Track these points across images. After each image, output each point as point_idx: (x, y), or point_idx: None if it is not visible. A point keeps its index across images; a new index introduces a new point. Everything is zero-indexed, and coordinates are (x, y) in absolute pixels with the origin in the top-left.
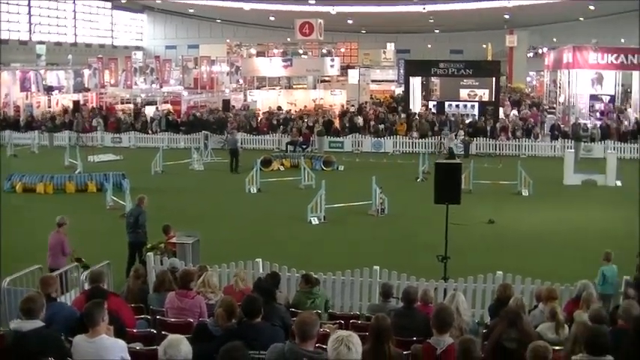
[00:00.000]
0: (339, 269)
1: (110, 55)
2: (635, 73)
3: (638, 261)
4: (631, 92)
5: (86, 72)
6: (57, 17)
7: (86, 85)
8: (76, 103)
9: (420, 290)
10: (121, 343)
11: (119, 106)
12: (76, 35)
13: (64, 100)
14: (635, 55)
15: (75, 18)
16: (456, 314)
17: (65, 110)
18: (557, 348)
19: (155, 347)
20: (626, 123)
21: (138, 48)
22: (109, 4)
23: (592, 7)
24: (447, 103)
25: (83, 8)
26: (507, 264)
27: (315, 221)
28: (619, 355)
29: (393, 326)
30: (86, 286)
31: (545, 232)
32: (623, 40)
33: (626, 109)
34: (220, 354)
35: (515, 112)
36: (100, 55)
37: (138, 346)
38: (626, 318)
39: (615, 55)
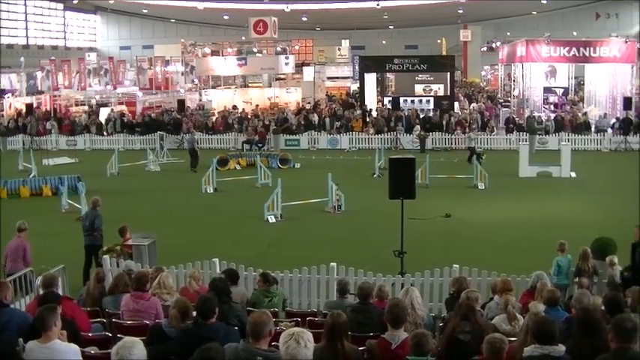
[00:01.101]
0: (297, 267)
1: (63, 56)
2: (586, 66)
3: (582, 250)
4: (584, 84)
5: (39, 74)
6: (8, 19)
7: (39, 88)
8: (29, 106)
9: (375, 286)
10: (74, 347)
11: (73, 109)
12: (27, 37)
13: (17, 103)
14: (587, 48)
15: (26, 20)
16: (410, 309)
17: (19, 113)
18: (511, 339)
19: (110, 351)
20: (579, 115)
21: (91, 49)
22: (60, 6)
23: (544, 1)
24: (402, 99)
25: (35, 10)
26: (464, 257)
27: (272, 219)
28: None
29: (350, 322)
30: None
31: (501, 224)
32: (575, 34)
33: (579, 102)
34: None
35: (474, 105)
36: (52, 57)
37: (93, 350)
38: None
39: (567, 48)
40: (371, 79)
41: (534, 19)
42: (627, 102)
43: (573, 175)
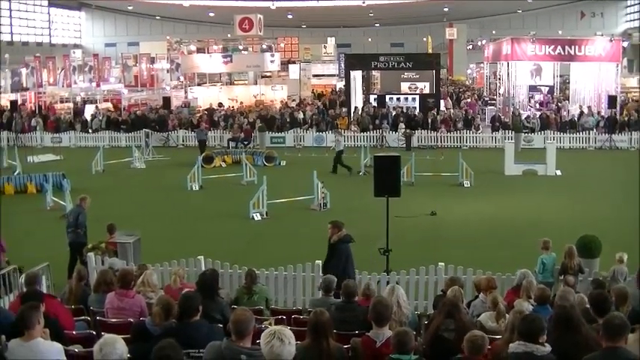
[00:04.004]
0: (282, 264)
1: (48, 53)
2: (572, 65)
3: (567, 248)
4: (569, 83)
5: (23, 71)
6: None
7: (24, 85)
8: (13, 102)
9: (362, 284)
10: (57, 346)
11: (58, 106)
12: (12, 33)
13: (2, 100)
14: (572, 47)
15: (11, 16)
16: (396, 307)
17: (2, 110)
18: (497, 337)
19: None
20: (564, 113)
21: (76, 46)
22: (45, 2)
23: (530, 0)
24: (387, 97)
25: (19, 6)
26: (449, 255)
27: (257, 217)
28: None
29: (334, 320)
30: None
31: (486, 222)
32: (560, 32)
33: (564, 100)
34: (154, 351)
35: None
36: (37, 54)
37: (77, 348)
38: None
39: (553, 46)
40: (357, 76)
41: (519, 17)
42: (612, 100)
43: (559, 173)
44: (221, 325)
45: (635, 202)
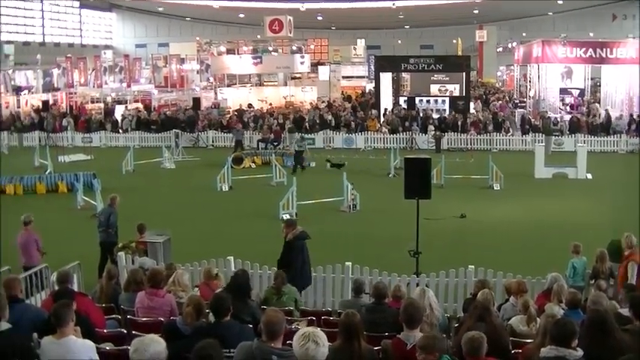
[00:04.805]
0: (311, 266)
1: (79, 54)
2: (603, 67)
3: (599, 252)
4: (600, 86)
5: (55, 71)
6: (24, 17)
7: (55, 85)
8: (45, 103)
9: (392, 286)
10: (89, 343)
11: (89, 106)
12: (44, 35)
13: (33, 100)
14: (604, 49)
15: (43, 17)
16: (428, 310)
17: (37, 110)
18: (528, 341)
19: (125, 347)
20: (595, 117)
21: (107, 47)
22: (76, 3)
23: (560, 2)
24: (417, 99)
25: (51, 7)
26: (479, 258)
27: (286, 218)
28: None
29: (364, 322)
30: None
31: (516, 225)
32: (591, 34)
33: (594, 102)
34: (195, 351)
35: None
36: (68, 55)
37: (108, 346)
38: None
39: (584, 49)
40: (386, 78)
41: (550, 19)
42: None
43: (589, 176)
44: (251, 326)
45: None
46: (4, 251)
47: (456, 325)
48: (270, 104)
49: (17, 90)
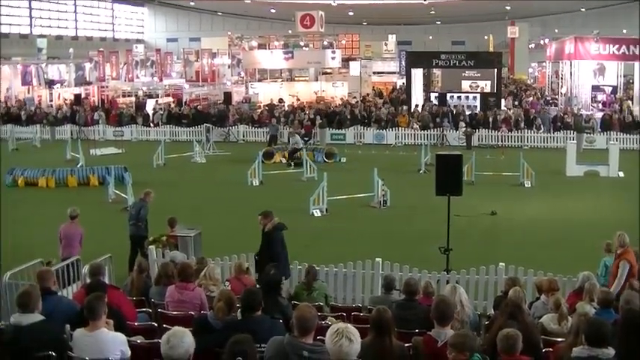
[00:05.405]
0: (342, 261)
1: (111, 48)
2: (636, 64)
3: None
4: (633, 83)
5: (87, 65)
6: (57, 11)
7: (87, 79)
8: (77, 96)
9: (422, 282)
10: (121, 336)
11: (121, 100)
12: (77, 29)
13: (66, 93)
14: (637, 46)
15: (75, 11)
16: (459, 307)
17: (69, 103)
18: (559, 339)
19: (156, 340)
20: (628, 114)
21: (139, 41)
22: None
23: None
24: (448, 95)
25: (84, 2)
26: (509, 255)
27: (317, 213)
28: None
29: (395, 318)
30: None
31: (547, 223)
32: (624, 31)
33: (627, 100)
34: (229, 345)
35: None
36: (101, 49)
37: (139, 339)
38: None
39: (617, 45)
40: (417, 74)
41: (582, 16)
42: None
43: (621, 174)
44: (281, 321)
45: None
46: (35, 244)
47: (486, 322)
48: (299, 99)
49: (50, 83)
